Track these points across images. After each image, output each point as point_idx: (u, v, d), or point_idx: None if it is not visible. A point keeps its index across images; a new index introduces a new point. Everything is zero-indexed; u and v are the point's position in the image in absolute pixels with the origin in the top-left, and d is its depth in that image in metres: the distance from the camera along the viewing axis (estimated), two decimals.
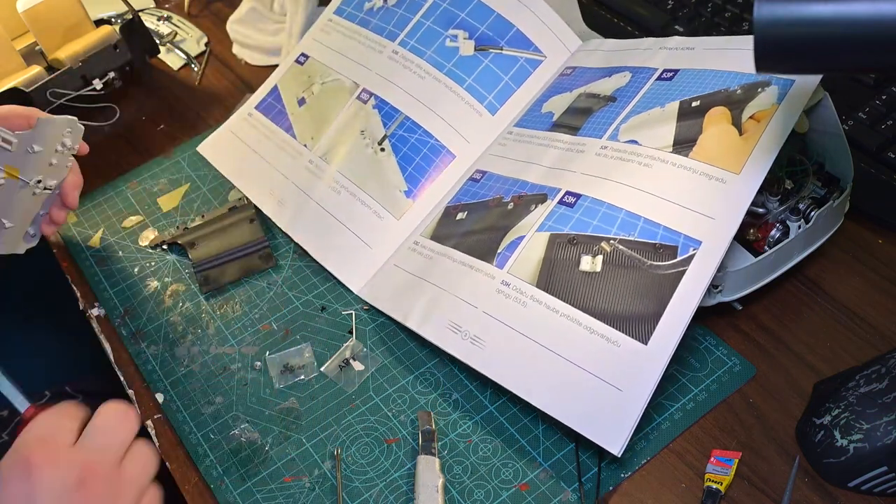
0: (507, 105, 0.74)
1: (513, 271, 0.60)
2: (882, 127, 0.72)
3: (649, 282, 0.56)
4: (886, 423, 0.52)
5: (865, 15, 0.41)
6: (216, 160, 0.81)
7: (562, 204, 0.62)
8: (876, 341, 0.62)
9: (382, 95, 0.76)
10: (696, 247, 0.56)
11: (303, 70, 0.82)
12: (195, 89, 0.91)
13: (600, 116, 0.67)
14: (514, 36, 0.76)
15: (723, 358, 0.62)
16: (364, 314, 0.67)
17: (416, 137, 0.73)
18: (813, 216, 0.61)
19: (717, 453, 0.56)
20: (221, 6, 1.01)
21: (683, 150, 0.60)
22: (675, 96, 0.64)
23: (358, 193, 0.72)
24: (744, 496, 0.55)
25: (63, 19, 0.85)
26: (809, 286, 0.66)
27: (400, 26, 0.78)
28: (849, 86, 0.75)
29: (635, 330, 0.55)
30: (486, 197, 0.67)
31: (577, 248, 0.59)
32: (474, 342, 0.59)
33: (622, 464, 0.56)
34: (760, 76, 0.60)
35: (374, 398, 0.62)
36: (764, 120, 0.58)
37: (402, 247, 0.69)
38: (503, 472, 0.57)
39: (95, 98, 0.85)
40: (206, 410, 0.62)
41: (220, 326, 0.68)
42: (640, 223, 0.58)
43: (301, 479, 0.58)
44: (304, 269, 0.71)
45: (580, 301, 0.57)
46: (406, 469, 0.58)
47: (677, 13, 0.86)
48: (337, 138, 0.76)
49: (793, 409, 0.59)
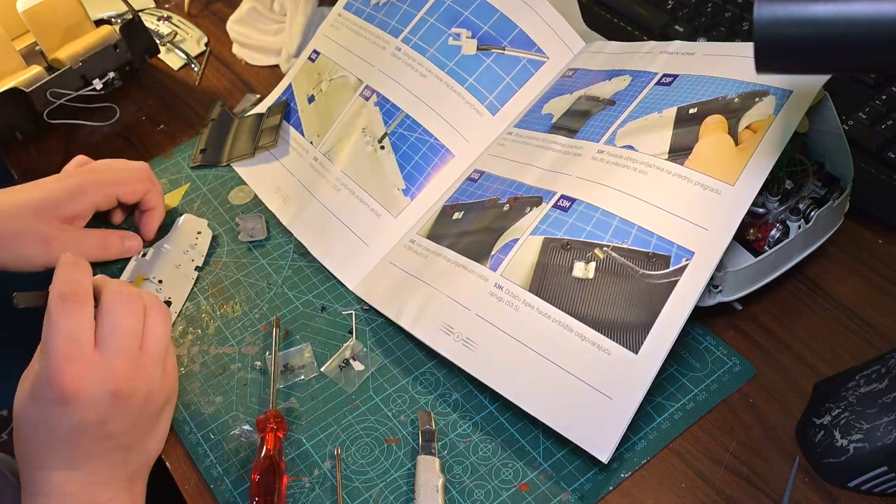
0: (508, 105, 0.74)
1: (506, 274, 0.60)
2: (882, 127, 0.72)
3: (641, 291, 0.56)
4: (886, 423, 0.52)
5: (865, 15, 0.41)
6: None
7: (556, 208, 0.62)
8: (876, 341, 0.62)
9: (384, 93, 0.76)
10: (689, 257, 0.56)
11: (314, 67, 0.82)
12: (195, 89, 0.91)
13: (598, 120, 0.67)
14: (518, 36, 0.76)
15: (723, 358, 0.62)
16: (364, 314, 0.67)
17: (415, 136, 0.73)
18: (813, 216, 0.61)
19: None
20: (221, 6, 1.01)
21: (679, 158, 0.60)
22: (673, 102, 0.64)
23: (357, 191, 0.73)
24: (744, 496, 0.55)
25: (63, 19, 0.85)
26: (809, 286, 0.66)
27: (404, 22, 0.78)
28: (849, 86, 0.75)
29: (626, 338, 0.55)
30: (483, 197, 0.67)
31: (570, 254, 0.59)
32: (466, 344, 0.59)
33: (622, 464, 0.56)
34: (758, 85, 0.60)
35: (374, 398, 0.62)
36: (760, 131, 0.58)
37: (398, 245, 0.69)
38: (503, 472, 0.57)
39: (95, 98, 0.85)
40: (206, 410, 0.62)
41: (220, 326, 0.68)
42: (633, 231, 0.58)
43: (301, 479, 0.58)
44: (304, 269, 0.71)
45: (572, 307, 0.57)
46: (406, 469, 0.58)
47: (677, 13, 0.86)
48: (340, 136, 0.76)
49: (793, 409, 0.59)
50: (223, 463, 0.59)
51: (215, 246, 0.74)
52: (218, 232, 0.75)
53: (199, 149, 0.82)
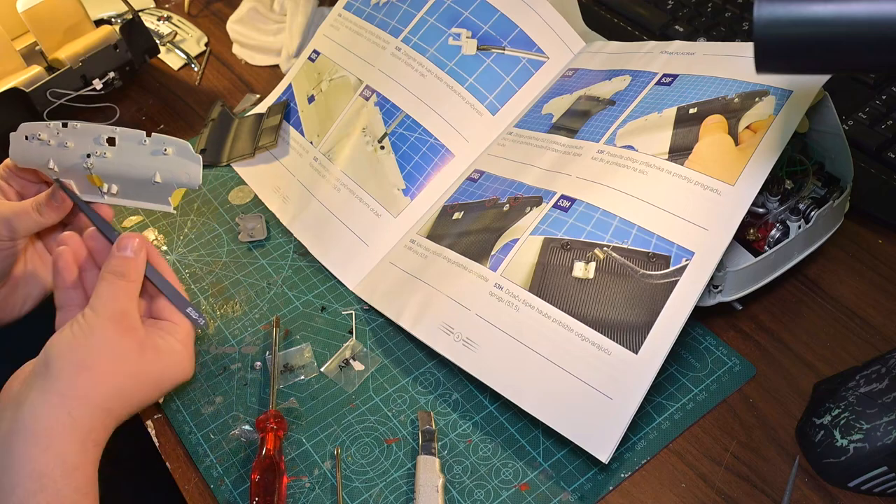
0: (508, 105, 0.74)
1: (506, 274, 0.60)
2: (882, 127, 0.72)
3: (641, 291, 0.56)
4: (886, 423, 0.52)
5: (865, 15, 0.41)
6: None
7: (556, 208, 0.62)
8: (876, 341, 0.62)
9: (384, 93, 0.76)
10: (689, 257, 0.56)
11: (314, 67, 0.82)
12: (195, 89, 0.91)
13: (598, 120, 0.67)
14: (518, 36, 0.76)
15: (723, 358, 0.62)
16: (364, 314, 0.67)
17: (415, 136, 0.73)
18: (813, 216, 0.61)
19: None
20: (221, 6, 1.01)
21: (679, 158, 0.60)
22: (672, 102, 0.64)
23: (357, 191, 0.73)
24: (744, 496, 0.55)
25: (63, 19, 0.85)
26: (809, 286, 0.66)
27: (404, 22, 0.78)
28: (849, 86, 0.75)
29: (626, 339, 0.55)
30: (483, 197, 0.67)
31: (570, 254, 0.59)
32: (466, 344, 0.59)
33: (622, 464, 0.56)
34: (758, 85, 0.60)
35: (374, 398, 0.62)
36: (760, 131, 0.58)
37: (398, 245, 0.69)
38: (503, 472, 0.57)
39: (95, 98, 0.85)
40: (206, 410, 0.62)
41: (220, 326, 0.68)
42: (633, 231, 0.58)
43: (301, 479, 0.58)
44: (304, 269, 0.71)
45: (572, 307, 0.57)
46: (406, 469, 0.58)
47: (677, 13, 0.86)
48: (340, 135, 0.76)
49: (793, 409, 0.59)
50: (223, 463, 0.59)
51: (215, 245, 0.74)
52: (218, 232, 0.75)
53: (199, 149, 0.82)
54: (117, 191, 0.61)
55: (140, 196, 0.61)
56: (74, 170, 0.61)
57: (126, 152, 0.60)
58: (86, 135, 0.61)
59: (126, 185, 0.61)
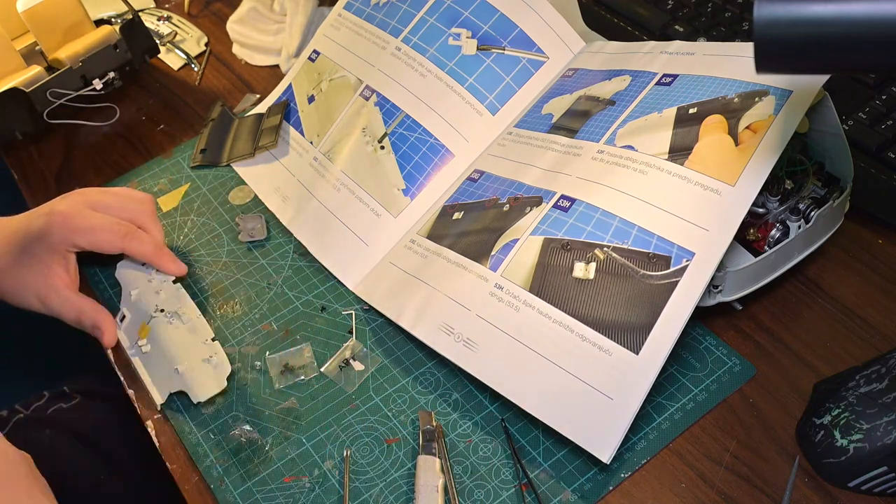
0: (508, 105, 0.74)
1: (506, 275, 0.60)
2: (882, 127, 0.72)
3: (642, 291, 0.56)
4: (886, 423, 0.52)
5: (865, 15, 0.41)
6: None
7: (556, 208, 0.62)
8: (876, 341, 0.62)
9: (384, 93, 0.76)
10: (690, 258, 0.56)
11: (314, 67, 0.82)
12: (195, 89, 0.91)
13: (598, 120, 0.67)
14: (518, 36, 0.76)
15: (723, 358, 0.62)
16: (364, 314, 0.67)
17: (415, 136, 0.73)
18: (813, 216, 0.61)
19: None
20: (221, 6, 1.01)
21: (679, 158, 0.60)
22: (672, 102, 0.63)
23: (357, 191, 0.73)
24: (744, 496, 0.55)
25: (63, 19, 0.85)
26: (809, 286, 0.66)
27: (404, 22, 0.78)
28: (849, 86, 0.75)
29: (627, 339, 0.55)
30: (483, 197, 0.67)
31: (570, 255, 0.59)
32: (467, 345, 0.59)
33: (622, 464, 0.56)
34: (758, 85, 0.60)
35: (374, 398, 0.62)
36: (760, 131, 0.58)
37: (398, 245, 0.69)
38: (503, 472, 0.57)
39: (95, 98, 0.85)
40: (206, 410, 0.62)
41: (220, 326, 0.68)
42: (634, 231, 0.58)
43: (301, 479, 0.58)
44: (304, 269, 0.71)
45: (573, 308, 0.57)
46: (406, 469, 0.58)
47: (677, 13, 0.86)
48: (340, 135, 0.76)
49: (793, 409, 0.59)
50: (223, 463, 0.59)
51: (215, 245, 0.74)
52: (218, 232, 0.75)
53: (199, 149, 0.82)
54: (147, 351, 0.65)
55: (155, 371, 0.64)
56: (139, 309, 0.67)
57: (184, 334, 0.65)
58: (175, 297, 0.67)
59: (157, 353, 0.64)
